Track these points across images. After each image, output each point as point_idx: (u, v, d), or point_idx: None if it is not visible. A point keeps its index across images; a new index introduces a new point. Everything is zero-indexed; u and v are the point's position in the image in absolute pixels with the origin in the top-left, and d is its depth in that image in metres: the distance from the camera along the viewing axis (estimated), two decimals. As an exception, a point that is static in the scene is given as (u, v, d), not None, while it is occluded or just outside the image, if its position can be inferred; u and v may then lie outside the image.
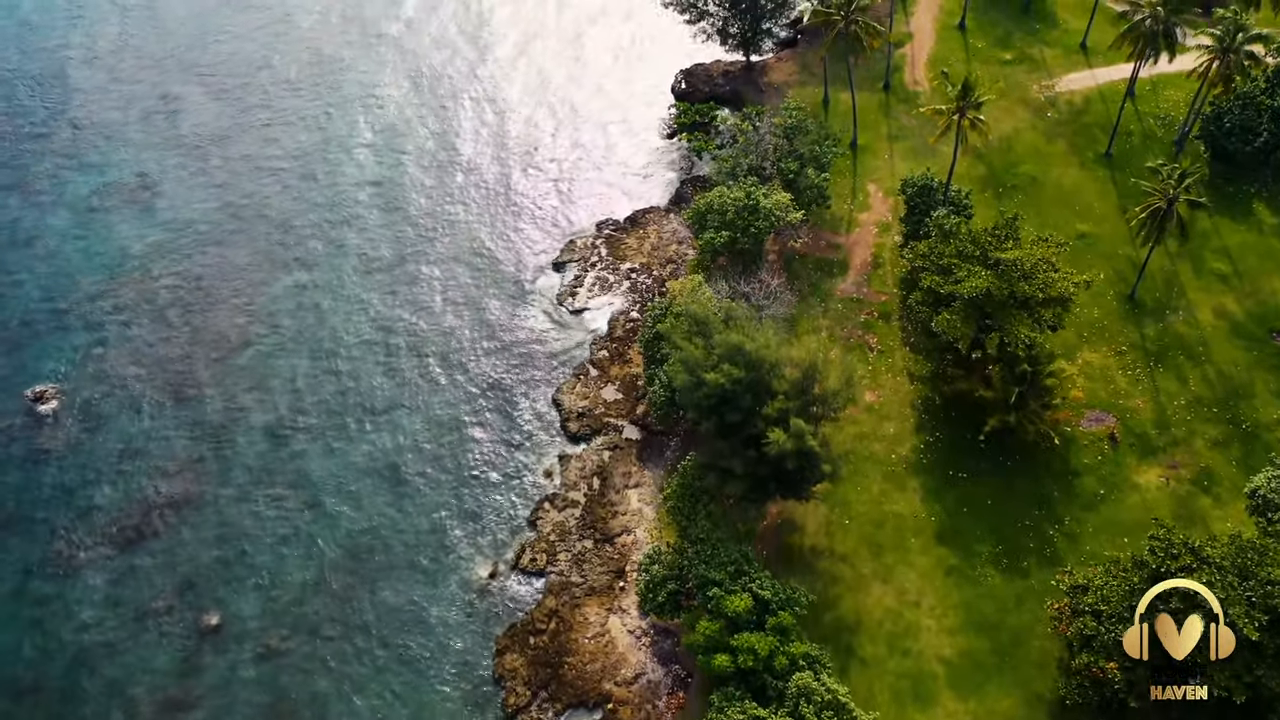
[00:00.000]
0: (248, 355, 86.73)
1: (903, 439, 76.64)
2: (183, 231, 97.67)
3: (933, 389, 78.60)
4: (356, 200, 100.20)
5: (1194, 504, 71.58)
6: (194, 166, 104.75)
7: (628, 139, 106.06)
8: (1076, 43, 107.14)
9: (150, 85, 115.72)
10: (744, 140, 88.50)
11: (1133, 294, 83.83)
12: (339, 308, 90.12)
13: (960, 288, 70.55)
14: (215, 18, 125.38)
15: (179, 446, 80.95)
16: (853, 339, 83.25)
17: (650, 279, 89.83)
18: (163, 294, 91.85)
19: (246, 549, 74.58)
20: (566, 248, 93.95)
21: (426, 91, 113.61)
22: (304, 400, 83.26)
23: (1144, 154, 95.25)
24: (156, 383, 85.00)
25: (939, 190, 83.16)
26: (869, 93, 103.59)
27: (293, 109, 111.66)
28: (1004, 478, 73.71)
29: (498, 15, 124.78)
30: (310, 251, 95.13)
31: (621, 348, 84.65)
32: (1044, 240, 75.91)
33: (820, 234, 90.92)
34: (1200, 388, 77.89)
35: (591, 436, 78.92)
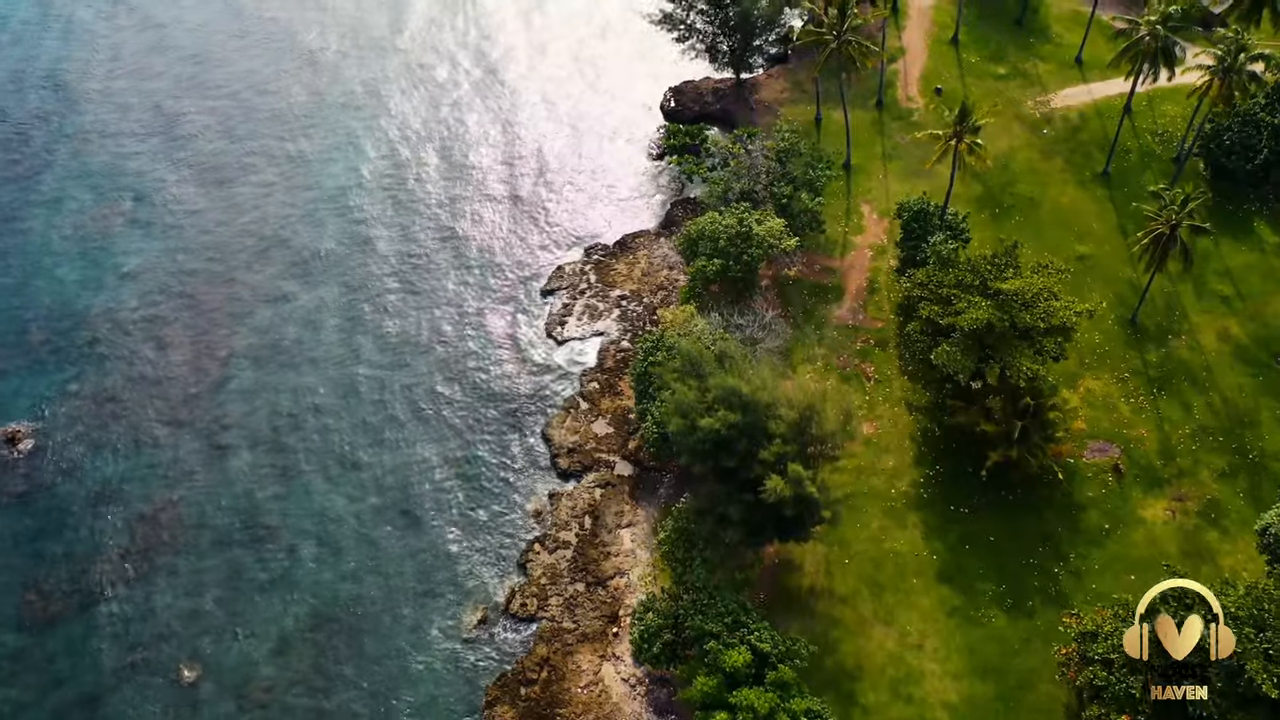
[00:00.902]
0: (227, 391, 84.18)
1: (902, 473, 74.66)
2: (162, 260, 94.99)
3: (932, 419, 76.62)
4: (337, 234, 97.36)
5: (1201, 539, 69.81)
6: (175, 191, 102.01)
7: (616, 159, 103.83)
8: (1071, 57, 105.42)
9: (135, 106, 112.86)
10: (735, 164, 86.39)
11: (1134, 318, 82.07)
12: (319, 343, 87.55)
13: (960, 320, 68.60)
14: (214, 35, 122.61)
15: (156, 488, 78.39)
16: (849, 368, 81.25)
17: (641, 306, 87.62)
18: (140, 326, 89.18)
19: (225, 596, 72.10)
20: (555, 274, 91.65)
21: (411, 115, 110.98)
22: (284, 438, 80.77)
23: (1142, 172, 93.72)
24: (133, 420, 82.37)
25: (935, 214, 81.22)
26: (861, 110, 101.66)
27: (273, 135, 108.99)
28: (1006, 513, 71.81)
29: (481, 36, 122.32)
30: (293, 282, 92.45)
31: (612, 379, 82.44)
32: (1044, 267, 74.06)
33: (814, 258, 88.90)
34: (1205, 416, 76.13)
35: (582, 473, 76.67)
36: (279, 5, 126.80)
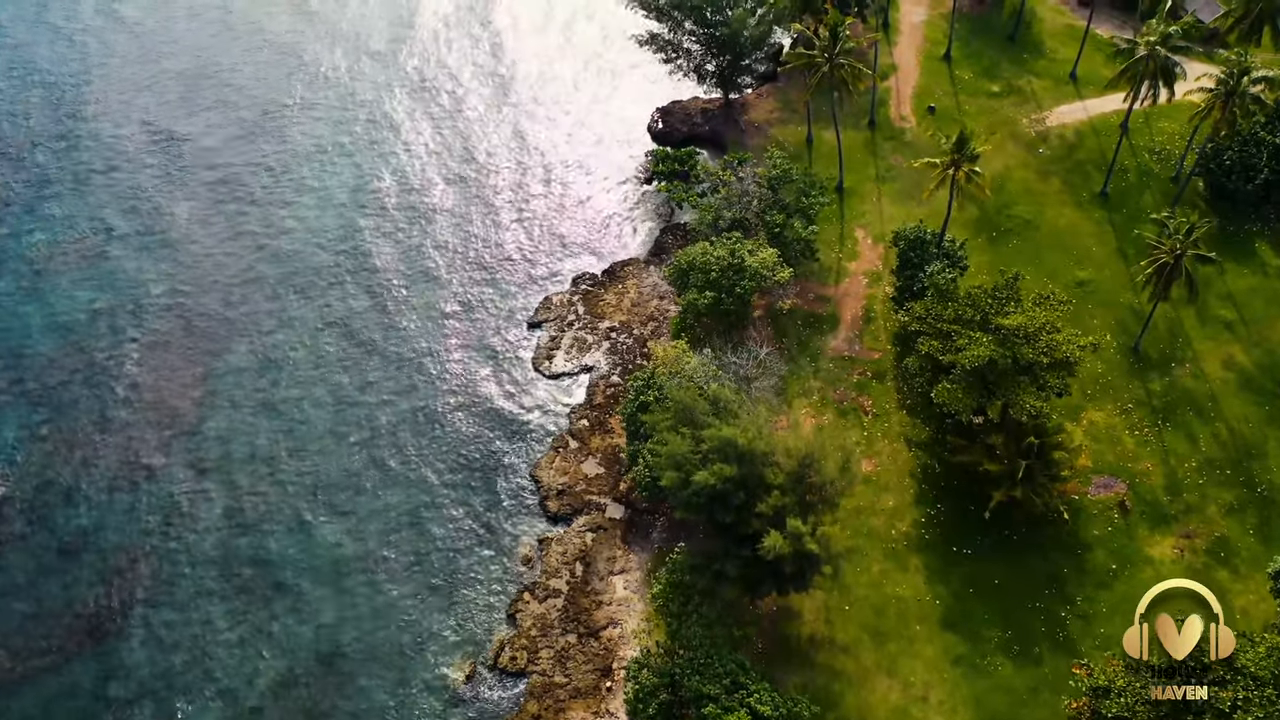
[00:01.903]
0: (202, 433, 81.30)
1: (902, 512, 72.41)
2: (137, 294, 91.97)
3: (932, 456, 74.45)
4: (317, 261, 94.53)
5: (1210, 578, 67.50)
6: (148, 222, 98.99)
7: (604, 184, 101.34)
8: (1066, 73, 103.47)
9: (115, 127, 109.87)
10: (726, 191, 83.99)
11: (1136, 346, 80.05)
12: (298, 381, 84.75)
13: (961, 357, 66.42)
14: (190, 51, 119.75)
15: (131, 537, 75.47)
16: (846, 402, 78.96)
17: (631, 339, 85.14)
18: (113, 366, 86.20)
19: (203, 651, 69.26)
20: (542, 305, 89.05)
21: (391, 146, 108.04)
22: (263, 483, 77.94)
23: (1141, 192, 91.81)
24: (106, 466, 79.44)
25: (932, 242, 79.01)
26: (854, 130, 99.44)
27: (247, 165, 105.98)
28: (1010, 553, 69.61)
29: (468, 54, 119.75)
30: (270, 317, 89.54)
31: (602, 416, 79.93)
32: (1045, 299, 71.92)
33: (808, 285, 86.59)
34: (1211, 448, 74.12)
35: (573, 516, 74.16)
36: (250, 31, 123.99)
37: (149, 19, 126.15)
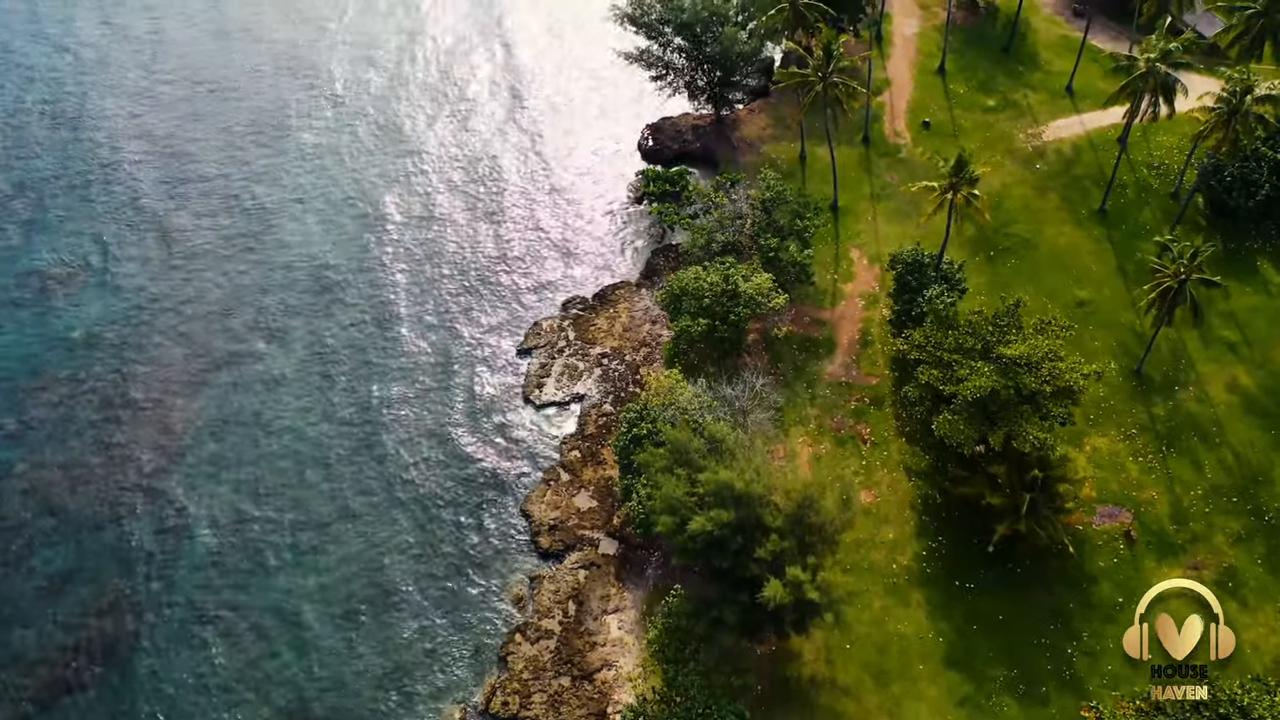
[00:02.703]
0: (185, 468, 79.04)
1: (903, 545, 70.63)
2: (115, 323, 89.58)
3: (932, 485, 72.76)
4: (300, 292, 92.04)
5: (1223, 610, 65.98)
6: (130, 250, 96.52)
7: (593, 204, 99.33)
8: (1061, 85, 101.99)
9: (92, 149, 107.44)
10: (719, 214, 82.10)
11: (1139, 369, 78.46)
12: (283, 413, 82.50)
13: (962, 388, 64.72)
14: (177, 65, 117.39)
15: (110, 578, 73.16)
16: (844, 430, 77.16)
17: (623, 365, 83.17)
18: (92, 397, 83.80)
19: (179, 703, 66.91)
20: (532, 331, 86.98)
21: (376, 166, 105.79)
22: (246, 519, 75.76)
23: (1140, 208, 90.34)
24: (84, 504, 77.09)
25: (930, 266, 77.26)
26: (847, 146, 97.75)
27: (234, 186, 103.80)
28: (1014, 587, 67.87)
29: (454, 72, 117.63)
30: (251, 349, 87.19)
31: (594, 447, 77.95)
32: (1047, 324, 70.27)
33: (803, 309, 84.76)
34: (1217, 474, 72.55)
35: (565, 552, 72.13)
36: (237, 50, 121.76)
37: (147, 30, 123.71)
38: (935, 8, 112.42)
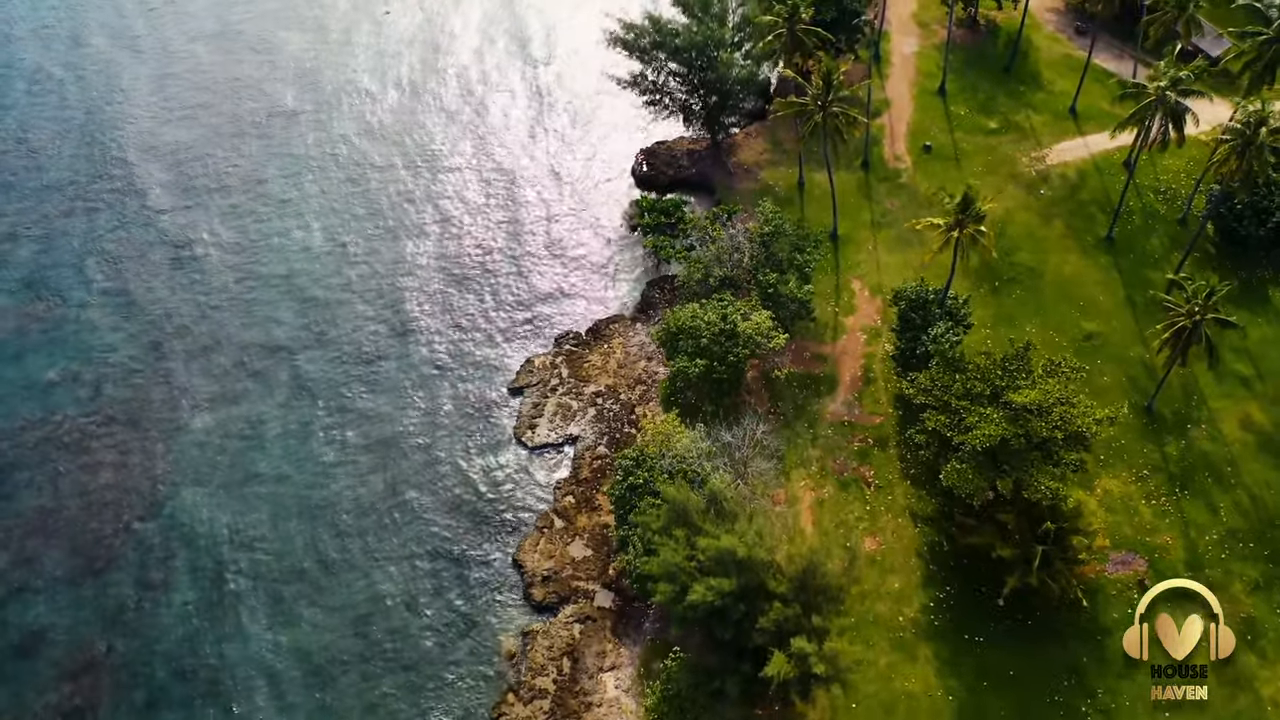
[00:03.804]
0: (162, 518, 76.15)
1: (909, 595, 68.12)
2: (90, 363, 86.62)
3: (939, 531, 70.18)
4: (282, 328, 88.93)
5: (1238, 664, 63.53)
6: (106, 284, 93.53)
7: (586, 232, 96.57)
8: (1064, 106, 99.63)
9: (70, 172, 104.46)
10: (716, 248, 79.47)
11: (1150, 406, 76.08)
12: (264, 456, 79.60)
13: (971, 437, 62.19)
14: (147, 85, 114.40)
15: (84, 636, 70.28)
16: (846, 472, 74.63)
17: (618, 405, 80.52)
18: (65, 443, 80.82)
19: (163, 768, 64.33)
20: (524, 368, 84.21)
21: (362, 194, 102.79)
22: (226, 572, 72.95)
23: (1148, 235, 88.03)
24: (57, 556, 74.19)
25: (934, 302, 74.75)
26: (847, 171, 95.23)
27: (205, 215, 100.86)
28: (1026, 641, 65.37)
29: (443, 98, 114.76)
30: (231, 389, 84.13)
31: (589, 491, 75.31)
32: (1056, 365, 67.75)
33: (803, 343, 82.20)
34: (1232, 518, 70.16)
35: (559, 605, 69.49)
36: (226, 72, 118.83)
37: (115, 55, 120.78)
38: (934, 25, 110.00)
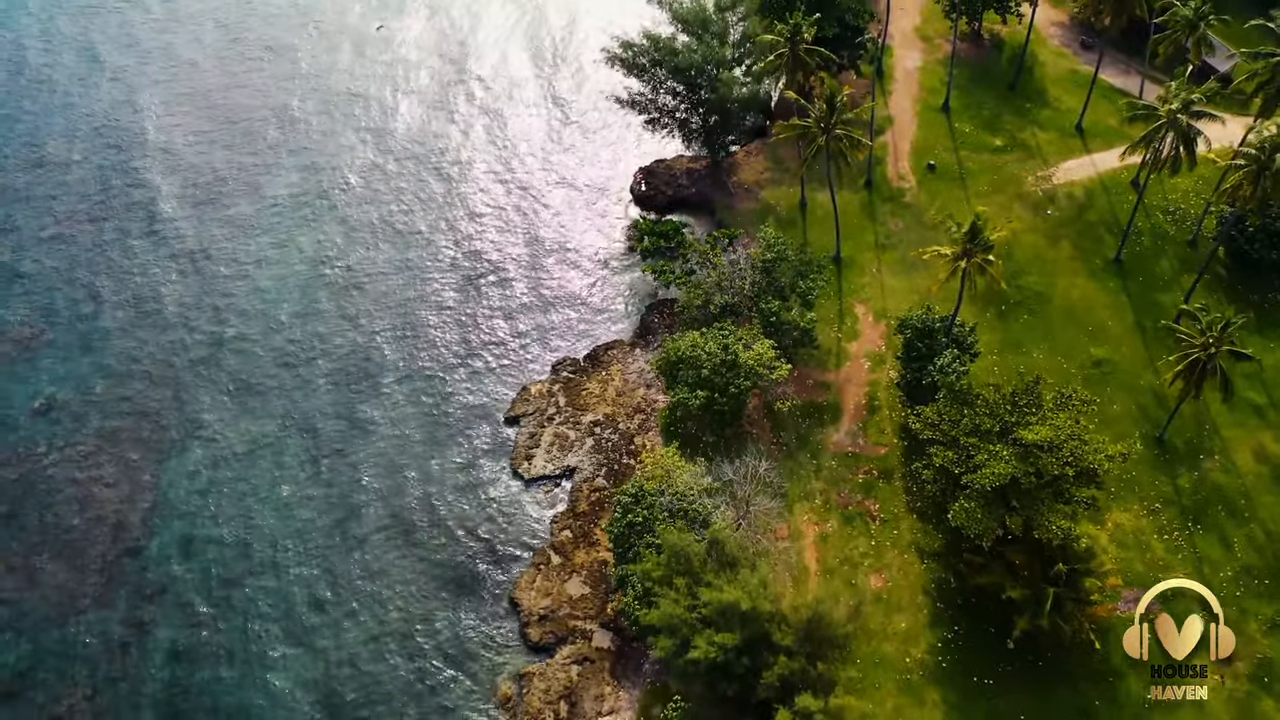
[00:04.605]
0: (150, 553, 74.27)
1: (917, 636, 66.30)
2: (76, 391, 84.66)
3: (946, 567, 68.45)
4: (273, 355, 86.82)
5: (1255, 708, 61.78)
6: (95, 307, 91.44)
7: (584, 254, 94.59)
8: (1071, 123, 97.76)
9: (61, 198, 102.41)
10: (717, 274, 77.58)
11: (1161, 436, 74.26)
12: (255, 489, 77.68)
13: (980, 477, 60.38)
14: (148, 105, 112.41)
15: (70, 679, 68.38)
16: (851, 505, 72.81)
17: (617, 434, 78.64)
18: (52, 475, 78.92)
19: (149, 817, 62.48)
20: (520, 397, 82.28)
21: (356, 216, 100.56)
22: (216, 611, 71.09)
23: (1157, 258, 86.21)
24: (42, 595, 72.31)
25: (940, 331, 72.89)
26: (849, 191, 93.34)
27: (199, 236, 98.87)
28: (1036, 684, 63.59)
29: (432, 119, 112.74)
30: (222, 419, 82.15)
31: (586, 526, 73.45)
32: (1067, 399, 65.89)
33: (806, 371, 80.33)
34: (1247, 554, 68.38)
35: (556, 646, 67.64)
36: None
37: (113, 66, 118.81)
38: (938, 39, 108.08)
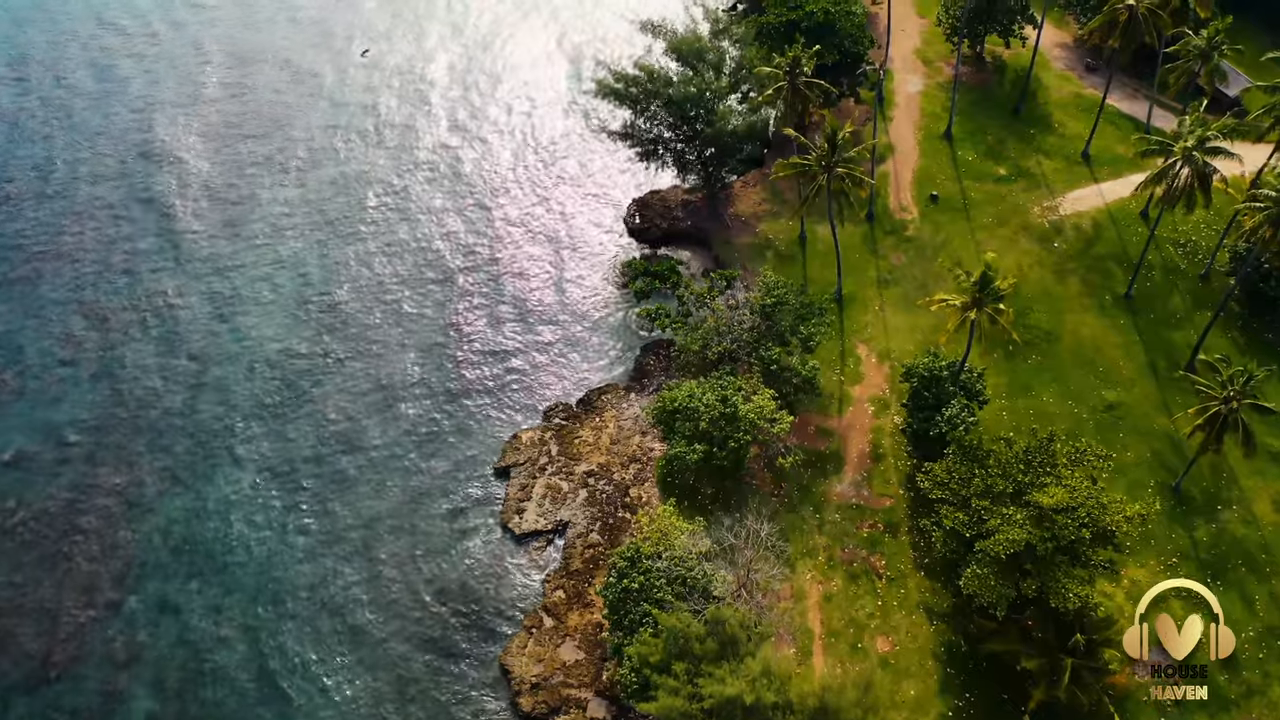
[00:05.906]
0: (124, 616, 71.05)
1: (926, 704, 63.36)
2: (48, 441, 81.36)
3: (956, 629, 65.57)
4: (250, 400, 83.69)
5: (1281, 784, 59.22)
6: (63, 352, 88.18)
7: (575, 294, 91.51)
8: (1077, 150, 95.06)
9: (15, 235, 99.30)
10: (714, 320, 74.56)
11: (1177, 486, 71.45)
12: (234, 545, 74.49)
13: (993, 543, 57.49)
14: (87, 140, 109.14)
15: (39, 752, 65.29)
16: (856, 561, 69.86)
17: (611, 485, 75.60)
18: (18, 533, 75.59)
19: None
20: (511, 446, 79.18)
21: (336, 254, 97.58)
22: (193, 678, 67.85)
23: (1168, 293, 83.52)
24: (11, 659, 69.02)
25: (948, 380, 69.96)
26: (851, 224, 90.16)
27: (170, 275, 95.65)
28: (1053, 757, 60.75)
29: (422, 143, 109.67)
30: (198, 470, 78.81)
31: (580, 585, 70.38)
32: (1082, 454, 62.99)
33: (808, 417, 77.37)
34: (1269, 612, 65.50)
35: (549, 716, 64.56)
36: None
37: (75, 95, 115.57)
38: (939, 63, 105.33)
